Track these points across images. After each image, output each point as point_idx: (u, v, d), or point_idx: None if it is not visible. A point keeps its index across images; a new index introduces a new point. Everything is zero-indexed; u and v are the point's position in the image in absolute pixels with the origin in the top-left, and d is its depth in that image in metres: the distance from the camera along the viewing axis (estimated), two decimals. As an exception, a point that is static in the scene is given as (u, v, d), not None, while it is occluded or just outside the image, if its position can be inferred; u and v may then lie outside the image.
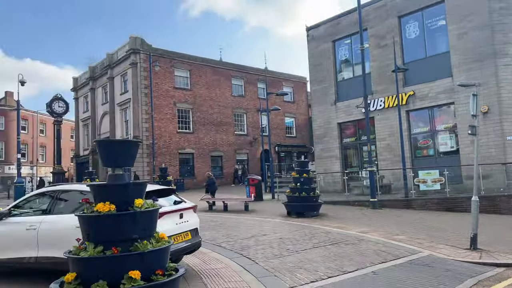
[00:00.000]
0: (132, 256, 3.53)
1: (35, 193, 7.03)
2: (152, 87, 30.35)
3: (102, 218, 3.57)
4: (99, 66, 36.62)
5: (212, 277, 6.28)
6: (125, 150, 3.89)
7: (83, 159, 39.99)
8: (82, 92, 40.27)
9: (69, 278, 3.47)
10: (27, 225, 6.16)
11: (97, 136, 36.71)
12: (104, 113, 35.65)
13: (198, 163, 33.23)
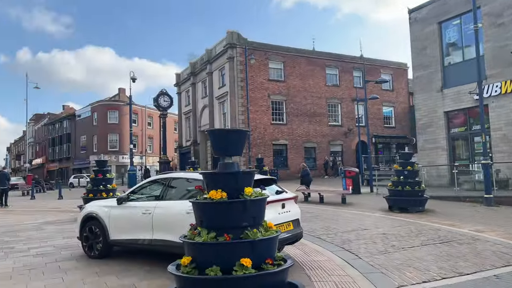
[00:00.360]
0: (243, 244, 3.55)
1: (149, 180, 7.59)
2: (248, 80, 31.11)
3: (214, 205, 3.65)
4: (199, 61, 38.62)
5: (315, 269, 6.17)
6: (236, 139, 3.94)
7: (185, 150, 42.75)
8: (184, 87, 42.93)
9: (185, 261, 3.62)
10: (143, 209, 6.68)
11: (198, 128, 38.88)
12: (204, 106, 37.59)
13: (291, 154, 33.34)
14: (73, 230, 10.54)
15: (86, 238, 7.39)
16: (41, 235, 10.04)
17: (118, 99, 57.60)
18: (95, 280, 5.82)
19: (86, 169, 57.38)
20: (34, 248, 8.33)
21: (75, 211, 15.16)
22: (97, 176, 12.96)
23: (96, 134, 55.97)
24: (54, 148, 67.67)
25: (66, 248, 8.21)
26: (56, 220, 12.92)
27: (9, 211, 16.88)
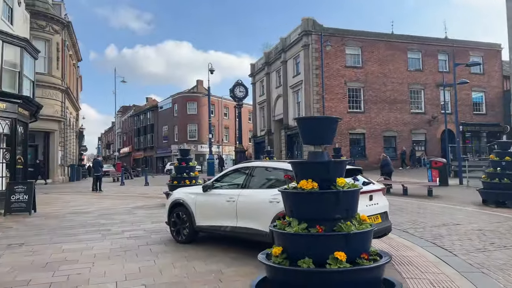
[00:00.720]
0: (337, 237, 3.40)
1: (232, 168, 7.71)
2: (323, 67, 30.43)
3: (305, 195, 3.54)
4: (273, 51, 38.61)
5: (405, 265, 5.82)
6: (326, 127, 3.78)
7: (259, 139, 43.28)
8: (258, 77, 43.29)
9: (276, 251, 3.57)
10: (227, 197, 6.80)
11: (272, 118, 39.06)
12: (278, 96, 37.60)
13: (369, 144, 32.11)
14: (160, 215, 11.19)
15: (173, 223, 7.75)
16: (132, 219, 10.77)
17: (196, 91, 59.90)
18: (184, 265, 6.05)
19: (168, 158, 60.82)
20: (127, 231, 8.94)
21: (161, 197, 16.09)
22: (181, 164, 13.56)
23: (176, 125, 58.91)
24: (139, 137, 72.62)
25: (156, 232, 8.70)
26: (145, 205, 13.81)
27: (103, 196, 18.42)
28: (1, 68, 13.15)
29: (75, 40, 34.14)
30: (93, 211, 12.56)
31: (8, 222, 10.62)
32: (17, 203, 11.80)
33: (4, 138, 13.37)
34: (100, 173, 20.67)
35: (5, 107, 12.74)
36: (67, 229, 9.38)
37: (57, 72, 28.30)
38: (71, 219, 10.97)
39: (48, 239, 8.14)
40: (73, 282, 5.24)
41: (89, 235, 8.50)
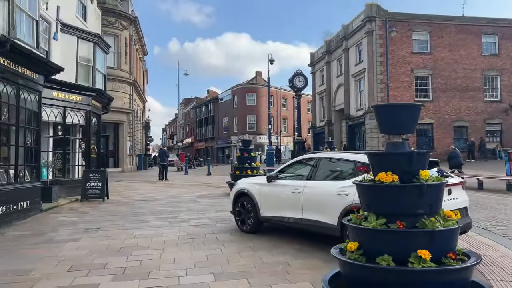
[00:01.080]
0: (420, 234, 3.15)
1: (296, 160, 7.56)
2: (388, 54, 29.09)
3: (384, 188, 3.31)
4: (334, 39, 37.61)
5: (488, 265, 5.35)
6: (407, 115, 3.50)
7: (319, 130, 42.61)
8: (318, 67, 42.49)
9: (352, 247, 3.39)
10: (292, 188, 6.68)
11: (332, 108, 38.22)
12: (339, 85, 36.66)
13: (437, 135, 30.28)
14: (224, 204, 11.37)
15: (238, 213, 7.79)
16: (198, 207, 11.04)
17: (255, 82, 60.25)
18: (250, 255, 6.05)
19: (228, 148, 62.03)
20: (194, 219, 9.17)
21: (224, 186, 16.37)
22: (243, 154, 13.66)
23: (236, 116, 59.78)
24: (200, 129, 74.77)
25: (220, 221, 8.83)
26: (208, 194, 14.13)
27: (169, 184, 19.16)
28: (77, 63, 14.03)
29: (141, 35, 35.68)
30: (161, 198, 13.08)
31: (84, 207, 11.38)
32: (91, 190, 12.59)
33: (80, 129, 14.31)
34: (166, 163, 21.50)
35: (80, 100, 13.61)
36: (138, 215, 9.83)
37: (125, 66, 29.78)
38: (140, 206, 11.49)
39: (121, 225, 8.57)
40: (145, 268, 5.43)
41: (158, 222, 8.83)
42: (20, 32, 9.25)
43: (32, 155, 10.22)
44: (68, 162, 13.70)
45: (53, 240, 7.21)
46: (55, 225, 8.66)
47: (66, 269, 5.41)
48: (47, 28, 12.42)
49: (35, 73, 9.96)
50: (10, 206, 8.68)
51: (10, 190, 8.83)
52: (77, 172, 14.09)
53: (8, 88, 8.78)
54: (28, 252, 6.39)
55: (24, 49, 8.78)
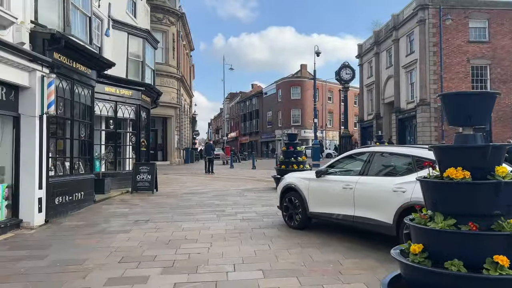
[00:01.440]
0: (496, 237, 2.81)
1: (347, 154, 7.25)
2: (442, 44, 27.55)
3: (454, 186, 2.98)
4: (384, 29, 36.23)
5: None
6: (480, 104, 3.14)
7: (366, 124, 41.38)
8: (366, 58, 41.18)
9: (415, 249, 3.10)
10: (343, 184, 6.39)
11: (381, 100, 36.94)
12: (388, 77, 35.32)
13: (496, 128, 28.34)
14: (269, 198, 11.24)
15: (286, 208, 7.61)
16: (244, 201, 10.99)
17: (300, 75, 59.57)
18: (299, 252, 5.85)
19: (272, 143, 61.98)
20: (240, 213, 9.11)
21: (269, 180, 16.26)
22: (289, 148, 13.44)
23: (280, 110, 59.48)
24: (245, 123, 75.22)
25: (267, 216, 8.69)
26: (254, 188, 14.07)
27: (215, 177, 19.35)
28: (127, 58, 14.40)
29: (188, 31, 36.27)
30: (207, 192, 13.18)
31: (135, 199, 11.68)
32: (141, 182, 12.91)
33: (130, 122, 14.71)
34: (212, 156, 21.72)
35: (131, 94, 13.97)
36: (185, 208, 9.93)
37: (173, 62, 30.40)
38: (188, 198, 11.63)
39: (169, 217, 8.67)
40: (194, 261, 5.39)
41: (205, 215, 8.84)
42: (74, 28, 9.56)
43: (85, 148, 10.60)
44: (119, 155, 14.14)
45: (105, 231, 7.40)
46: (107, 216, 8.92)
47: (117, 260, 5.49)
48: (99, 25, 12.81)
49: (88, 68, 10.29)
50: (66, 197, 9.04)
51: (66, 181, 9.20)
52: (128, 164, 14.51)
53: (63, 83, 9.12)
54: (82, 242, 6.59)
55: (78, 45, 9.07)
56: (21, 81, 7.43)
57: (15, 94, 7.58)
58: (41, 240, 6.76)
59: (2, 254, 5.85)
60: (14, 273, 4.99)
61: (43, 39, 7.96)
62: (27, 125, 7.67)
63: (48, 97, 7.85)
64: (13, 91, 7.49)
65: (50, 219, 8.18)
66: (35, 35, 7.89)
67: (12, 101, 7.48)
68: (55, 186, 8.54)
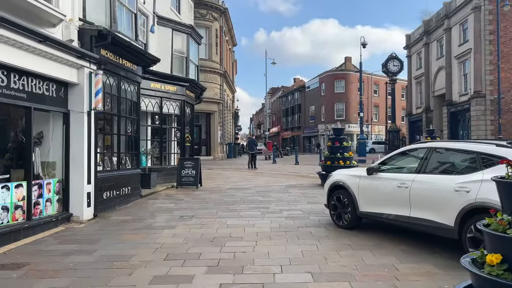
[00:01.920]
0: None
1: (401, 150, 6.76)
2: (499, 32, 25.69)
3: (542, 189, 2.56)
4: (434, 18, 34.43)
5: None
6: None
7: (415, 118, 39.67)
8: (415, 49, 39.39)
9: (493, 260, 2.70)
10: (398, 182, 5.96)
11: (431, 93, 35.21)
12: (439, 68, 33.57)
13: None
14: (314, 195, 10.90)
15: (333, 206, 7.26)
16: (288, 197, 10.73)
17: (344, 68, 58.16)
18: (350, 254, 5.52)
19: (315, 138, 61.10)
20: (285, 210, 8.85)
21: (313, 176, 15.89)
22: (334, 144, 13.00)
23: (323, 104, 58.42)
24: (287, 118, 74.73)
25: (313, 214, 8.39)
26: (298, 184, 13.76)
27: (258, 173, 19.22)
28: (172, 54, 14.51)
29: (231, 26, 36.34)
30: (251, 187, 13.04)
31: (180, 194, 11.74)
32: (186, 177, 12.99)
33: (175, 118, 14.85)
34: (255, 151, 21.60)
35: (175, 90, 14.08)
36: (229, 204, 9.82)
37: (216, 57, 30.56)
38: (232, 194, 11.53)
39: (214, 213, 8.58)
40: (239, 261, 5.22)
41: (250, 212, 8.68)
42: (121, 25, 9.68)
43: (132, 143, 10.75)
44: (165, 150, 14.31)
45: (151, 226, 7.42)
46: (153, 211, 8.98)
47: (163, 257, 5.43)
48: (145, 21, 12.97)
49: (134, 64, 10.40)
50: (113, 191, 9.20)
51: (113, 176, 9.36)
52: (173, 159, 14.68)
53: (110, 79, 9.25)
54: (129, 237, 6.61)
55: (124, 41, 9.16)
56: (70, 78, 7.57)
57: (65, 90, 7.74)
58: (89, 234, 6.87)
59: (53, 248, 5.97)
60: (63, 267, 5.04)
61: (91, 36, 8.08)
62: (76, 121, 7.83)
63: (95, 93, 7.97)
64: (62, 88, 7.65)
65: (98, 213, 8.34)
66: (83, 32, 8.01)
67: (62, 98, 7.65)
68: (103, 181, 8.70)
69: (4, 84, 6.16)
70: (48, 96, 7.24)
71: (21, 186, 6.63)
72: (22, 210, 6.65)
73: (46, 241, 6.40)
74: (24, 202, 6.68)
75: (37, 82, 6.92)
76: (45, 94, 7.16)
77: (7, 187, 6.35)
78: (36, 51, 6.49)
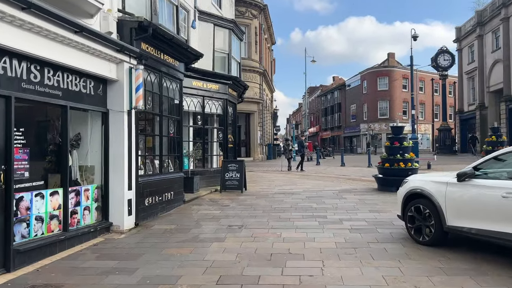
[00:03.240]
0: None
1: (501, 152, 5.49)
2: None
3: None
4: (489, 8, 31.95)
5: None
6: None
7: (467, 115, 37.14)
8: (466, 42, 36.87)
9: None
10: (503, 191, 4.77)
11: (486, 88, 32.71)
12: (495, 61, 31.08)
13: None
14: (374, 202, 9.74)
15: (411, 218, 6.12)
16: (345, 204, 9.61)
17: (387, 65, 55.76)
18: (446, 281, 4.40)
19: (356, 137, 59.01)
20: (346, 220, 7.77)
21: (366, 179, 14.63)
22: (393, 144, 11.73)
23: (365, 102, 56.27)
24: (326, 117, 72.87)
25: (381, 225, 7.26)
26: (352, 188, 12.57)
27: (304, 175, 18.12)
28: (213, 51, 13.76)
29: (270, 23, 35.40)
30: (299, 192, 12.01)
31: (224, 199, 10.91)
32: (230, 180, 12.16)
33: (217, 118, 14.08)
34: (302, 153, 20.23)
35: (218, 89, 13.30)
36: (280, 211, 8.86)
37: (255, 56, 29.72)
38: (280, 199, 10.57)
39: (265, 223, 7.66)
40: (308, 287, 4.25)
41: (305, 222, 7.67)
42: (161, 18, 9.00)
43: (174, 145, 10.05)
44: (207, 152, 13.57)
45: (198, 238, 6.59)
46: (199, 219, 8.17)
47: (215, 279, 4.56)
48: (186, 16, 12.27)
49: (176, 60, 9.68)
50: (155, 197, 8.49)
51: (155, 181, 8.65)
52: (215, 162, 13.92)
53: (151, 76, 8.56)
54: (174, 251, 5.81)
55: (166, 34, 8.42)
56: (108, 74, 6.89)
57: (103, 88, 7.07)
58: (130, 247, 6.12)
59: (91, 265, 5.25)
60: (101, 292, 4.27)
61: (131, 28, 7.39)
62: (115, 121, 7.14)
63: (135, 89, 7.25)
64: (100, 85, 6.98)
65: (140, 221, 7.63)
66: (122, 23, 7.33)
67: (100, 96, 6.98)
68: (144, 186, 8.00)
69: (37, 80, 5.51)
70: (85, 93, 6.58)
71: (56, 193, 5.98)
72: (58, 220, 5.99)
73: (83, 256, 5.71)
74: (60, 211, 6.03)
75: (73, 78, 6.26)
76: (82, 92, 6.50)
77: (42, 195, 5.70)
78: (71, 43, 5.82)
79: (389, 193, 11.09)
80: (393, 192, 10.95)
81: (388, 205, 9.21)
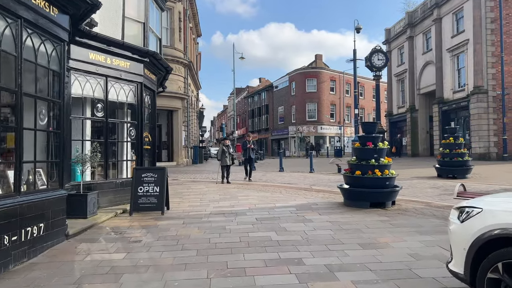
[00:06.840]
0: None
1: None
2: (502, 20, 23.06)
3: None
4: (420, 9, 31.73)
5: None
6: None
7: (396, 118, 36.95)
8: (395, 44, 36.71)
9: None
10: None
11: (416, 91, 32.45)
12: (426, 63, 30.85)
13: None
14: (356, 226, 6.79)
15: (494, 283, 3.16)
16: (317, 233, 6.50)
17: (315, 66, 55.01)
18: None
19: (285, 140, 57.48)
20: (337, 269, 4.63)
21: (322, 190, 11.81)
22: (366, 145, 8.99)
23: (294, 104, 54.94)
24: (253, 119, 70.70)
25: (397, 276, 4.24)
26: (311, 203, 9.57)
27: (243, 185, 14.86)
28: (123, 17, 9.97)
29: (195, 11, 31.79)
30: (245, 211, 8.71)
31: (135, 228, 7.23)
32: (145, 197, 8.51)
33: (128, 109, 10.26)
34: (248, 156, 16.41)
35: (128, 67, 9.53)
36: (225, 252, 5.50)
37: (179, 45, 25.96)
38: (221, 226, 7.18)
39: (204, 283, 4.24)
40: None
41: (275, 277, 4.39)
42: None
43: (52, 145, 6.22)
44: (113, 156, 9.71)
45: None
46: (81, 278, 4.50)
47: None
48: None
49: (53, 6, 5.87)
50: (4, 237, 4.66)
51: (6, 208, 4.81)
52: (126, 169, 10.12)
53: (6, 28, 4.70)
54: None
55: None
56: None
57: None
58: None
59: None
60: None
61: None
62: None
63: None
64: None
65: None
66: None
67: None
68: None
69: None
70: None
71: None
72: None
73: None
74: None
75: None
76: None
77: None
78: None
79: (363, 210, 8.34)
80: (368, 209, 8.24)
81: (378, 232, 6.37)
